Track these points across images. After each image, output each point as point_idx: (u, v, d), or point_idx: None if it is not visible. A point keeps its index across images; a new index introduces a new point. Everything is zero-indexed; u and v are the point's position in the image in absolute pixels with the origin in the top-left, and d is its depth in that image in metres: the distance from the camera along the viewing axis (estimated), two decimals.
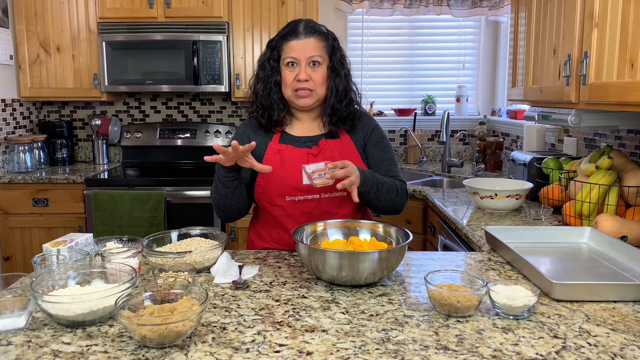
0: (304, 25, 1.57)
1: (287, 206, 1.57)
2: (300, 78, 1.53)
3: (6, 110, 3.22)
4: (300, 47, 1.54)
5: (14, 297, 1.05)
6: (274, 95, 1.59)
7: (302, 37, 1.55)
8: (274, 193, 1.57)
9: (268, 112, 1.60)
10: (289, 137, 1.63)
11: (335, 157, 1.57)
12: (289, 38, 1.56)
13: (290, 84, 1.55)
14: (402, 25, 3.68)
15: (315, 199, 1.56)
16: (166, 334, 0.89)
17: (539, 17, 1.99)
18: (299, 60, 1.54)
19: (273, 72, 1.59)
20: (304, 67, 1.54)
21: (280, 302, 1.13)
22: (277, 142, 1.62)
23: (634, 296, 1.13)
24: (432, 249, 2.59)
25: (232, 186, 1.50)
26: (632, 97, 1.31)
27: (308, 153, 1.59)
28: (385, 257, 1.17)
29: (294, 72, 1.55)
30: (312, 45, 1.54)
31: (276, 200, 1.57)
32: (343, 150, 1.61)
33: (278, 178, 1.56)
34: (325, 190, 1.55)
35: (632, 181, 1.64)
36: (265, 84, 1.59)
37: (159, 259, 1.29)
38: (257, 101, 1.62)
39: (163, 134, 3.57)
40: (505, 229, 1.58)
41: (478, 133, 3.57)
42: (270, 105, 1.59)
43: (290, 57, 1.55)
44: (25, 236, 3.07)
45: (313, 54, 1.54)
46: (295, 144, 1.61)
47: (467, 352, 0.91)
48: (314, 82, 1.55)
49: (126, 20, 3.18)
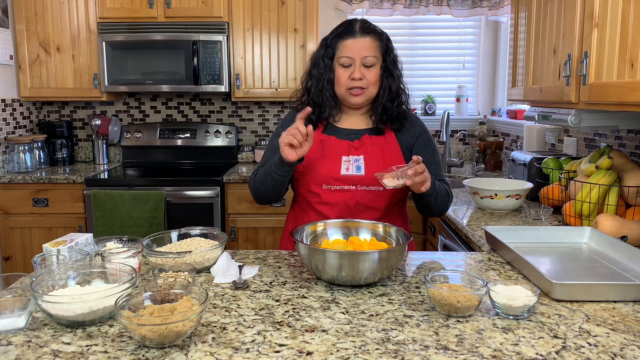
0: (360, 24, 1.57)
1: (323, 194, 1.60)
2: (355, 77, 1.54)
3: (6, 110, 3.22)
4: (356, 46, 1.54)
5: (14, 297, 1.05)
6: (327, 93, 1.60)
7: (357, 36, 1.55)
8: (311, 180, 1.60)
9: (319, 109, 1.62)
10: (333, 129, 1.65)
11: (376, 153, 1.59)
12: (345, 37, 1.56)
13: (344, 83, 1.57)
14: (402, 25, 3.68)
15: (351, 190, 1.58)
16: (166, 334, 0.89)
17: (539, 17, 1.99)
18: (353, 59, 1.54)
19: (326, 70, 1.60)
20: (358, 65, 1.54)
21: (280, 302, 1.13)
22: (320, 132, 1.64)
23: (634, 296, 1.13)
24: (432, 249, 2.59)
25: (285, 180, 1.53)
26: (632, 97, 1.31)
27: (349, 145, 1.60)
28: (385, 257, 1.17)
29: (348, 70, 1.56)
30: (367, 45, 1.55)
31: (313, 188, 1.60)
32: (385, 147, 1.62)
33: (317, 167, 1.59)
34: (361, 183, 1.57)
35: (632, 181, 1.64)
36: (318, 82, 1.60)
37: (159, 259, 1.29)
38: (309, 98, 1.63)
39: (163, 134, 3.57)
40: (505, 229, 1.58)
41: (478, 133, 3.57)
42: (322, 102, 1.61)
43: (345, 56, 1.55)
44: (25, 236, 3.07)
45: (368, 54, 1.54)
46: (339, 135, 1.63)
47: (467, 352, 0.91)
48: (367, 81, 1.55)
49: (126, 20, 3.18)
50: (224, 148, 3.59)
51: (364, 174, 1.57)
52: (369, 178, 1.56)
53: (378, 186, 1.57)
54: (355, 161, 1.58)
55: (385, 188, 1.45)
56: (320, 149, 1.60)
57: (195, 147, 3.57)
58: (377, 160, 1.59)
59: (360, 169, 1.58)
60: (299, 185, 1.65)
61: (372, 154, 1.59)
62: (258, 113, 3.70)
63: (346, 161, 1.59)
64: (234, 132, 3.59)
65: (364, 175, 1.57)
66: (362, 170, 1.58)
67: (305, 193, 1.64)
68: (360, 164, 1.58)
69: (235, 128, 3.61)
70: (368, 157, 1.59)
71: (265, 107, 3.69)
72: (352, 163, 1.58)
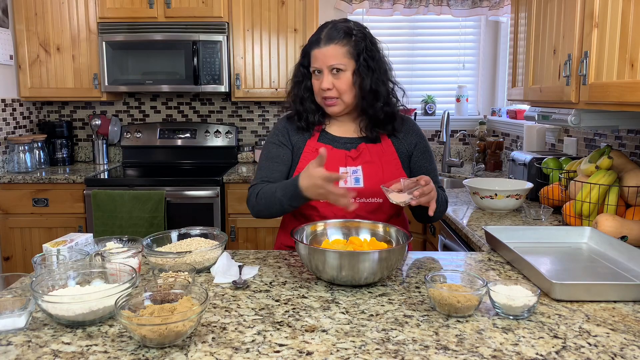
0: (327, 31, 1.53)
1: (321, 207, 1.55)
2: (323, 87, 1.51)
3: (6, 110, 3.22)
4: (321, 56, 1.51)
5: (14, 297, 1.05)
6: (307, 101, 1.59)
7: (322, 46, 1.51)
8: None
9: (305, 116, 1.60)
10: (329, 137, 1.61)
11: (374, 163, 1.56)
12: (312, 46, 1.54)
13: (318, 92, 1.55)
14: (402, 25, 3.68)
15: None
16: (166, 334, 0.89)
17: (539, 17, 1.99)
18: (321, 68, 1.52)
19: (304, 78, 1.58)
20: (326, 75, 1.51)
21: (280, 302, 1.13)
22: (316, 140, 1.60)
23: (634, 296, 1.13)
24: (432, 249, 2.59)
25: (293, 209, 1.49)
26: (632, 97, 1.31)
27: (347, 155, 1.56)
28: (385, 257, 1.17)
29: (319, 80, 1.53)
30: (331, 53, 1.50)
31: (311, 201, 1.54)
32: (383, 156, 1.58)
33: None
34: (359, 196, 1.53)
35: (632, 181, 1.64)
36: (298, 90, 1.59)
37: (159, 259, 1.29)
38: (293, 105, 1.62)
39: (163, 134, 3.57)
40: (505, 229, 1.58)
41: (478, 133, 3.57)
42: (305, 109, 1.59)
43: (314, 67, 1.54)
44: (25, 236, 3.07)
45: (333, 62, 1.50)
46: (335, 144, 1.59)
47: (467, 352, 0.91)
48: (337, 90, 1.51)
49: (126, 20, 3.18)
50: (224, 148, 3.59)
51: (362, 186, 1.53)
52: (368, 190, 1.53)
53: (377, 198, 1.54)
54: (353, 172, 1.55)
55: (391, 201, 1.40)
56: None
57: (195, 147, 3.57)
58: (376, 170, 1.55)
59: (359, 180, 1.54)
60: None
61: (370, 164, 1.55)
62: (258, 113, 3.71)
63: (344, 173, 1.54)
64: (234, 132, 3.59)
65: (362, 188, 1.53)
66: (360, 183, 1.54)
67: (302, 207, 1.55)
68: (359, 175, 1.54)
69: (235, 128, 3.61)
70: (366, 167, 1.55)
71: (265, 107, 3.69)
72: (350, 175, 1.54)
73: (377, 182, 1.51)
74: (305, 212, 1.58)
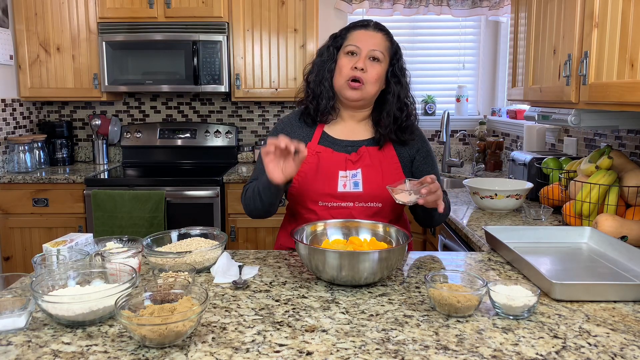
0: (375, 22, 1.57)
1: (320, 211, 1.54)
2: (358, 66, 1.48)
3: (6, 110, 3.22)
4: (366, 37, 1.52)
5: (14, 297, 1.05)
6: (326, 83, 1.56)
7: (370, 29, 1.53)
8: (307, 197, 1.54)
9: (316, 101, 1.57)
10: (329, 139, 1.59)
11: (374, 167, 1.54)
12: (357, 28, 1.55)
13: (346, 72, 1.51)
14: (402, 25, 3.68)
15: (348, 207, 1.53)
16: (166, 334, 0.89)
17: (539, 17, 1.99)
18: (360, 50, 1.51)
19: (330, 59, 1.56)
20: (363, 56, 1.50)
21: (280, 302, 1.13)
22: (316, 143, 1.58)
23: (634, 296, 1.13)
24: (432, 249, 2.59)
25: (274, 202, 1.49)
26: (632, 97, 1.31)
27: (347, 159, 1.55)
28: (385, 257, 1.17)
29: (352, 60, 1.51)
30: (377, 40, 1.52)
31: (309, 205, 1.54)
32: (384, 160, 1.56)
33: (313, 182, 1.53)
34: (359, 200, 1.53)
35: (632, 181, 1.64)
36: (319, 70, 1.57)
37: (159, 259, 1.29)
38: (307, 88, 1.60)
39: (163, 134, 3.57)
40: (505, 229, 1.58)
41: (478, 133, 3.57)
42: (320, 93, 1.56)
43: (353, 45, 1.52)
44: (25, 236, 3.07)
45: (376, 48, 1.51)
46: (335, 147, 1.57)
47: (467, 352, 0.91)
48: (368, 76, 1.50)
49: (126, 20, 3.18)
50: (224, 148, 3.59)
51: (362, 190, 1.52)
52: (367, 194, 1.52)
53: (377, 202, 1.53)
54: (352, 176, 1.53)
55: (396, 202, 1.38)
56: (316, 162, 1.54)
57: (195, 147, 3.58)
58: (376, 174, 1.53)
59: (358, 185, 1.52)
60: (294, 202, 1.60)
61: (370, 168, 1.53)
62: (258, 113, 3.71)
63: (343, 177, 1.53)
64: (234, 132, 3.59)
65: (362, 192, 1.52)
66: (359, 187, 1.52)
67: (300, 210, 1.58)
68: (358, 179, 1.53)
69: (235, 128, 3.61)
70: (366, 171, 1.53)
71: (265, 107, 3.69)
72: (349, 179, 1.52)
73: (377, 187, 1.51)
74: (305, 216, 1.57)
